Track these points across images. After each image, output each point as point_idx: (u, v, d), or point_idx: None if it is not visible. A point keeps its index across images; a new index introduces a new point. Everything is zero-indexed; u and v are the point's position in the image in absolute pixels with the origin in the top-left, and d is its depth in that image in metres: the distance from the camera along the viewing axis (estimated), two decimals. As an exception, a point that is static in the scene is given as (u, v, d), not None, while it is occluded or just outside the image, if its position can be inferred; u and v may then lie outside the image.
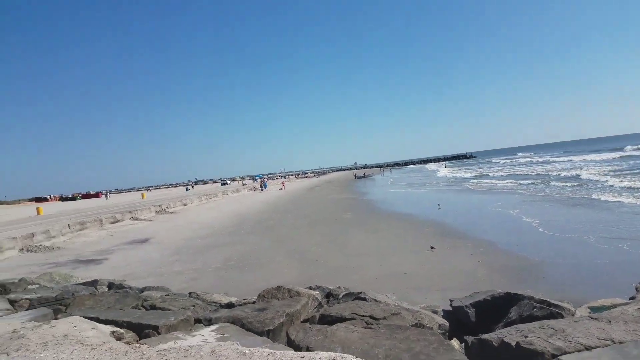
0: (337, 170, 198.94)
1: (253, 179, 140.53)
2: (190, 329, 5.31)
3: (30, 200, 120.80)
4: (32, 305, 8.53)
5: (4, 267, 14.59)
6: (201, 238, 19.11)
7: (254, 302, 6.52)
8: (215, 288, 9.02)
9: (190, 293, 7.91)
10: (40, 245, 18.61)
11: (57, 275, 11.69)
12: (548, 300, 4.90)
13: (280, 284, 6.83)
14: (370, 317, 4.95)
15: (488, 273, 9.25)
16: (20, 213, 47.98)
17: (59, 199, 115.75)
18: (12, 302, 8.64)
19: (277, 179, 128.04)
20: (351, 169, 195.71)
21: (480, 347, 3.82)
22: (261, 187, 67.03)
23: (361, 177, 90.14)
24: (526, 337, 3.54)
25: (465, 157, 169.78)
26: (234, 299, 7.54)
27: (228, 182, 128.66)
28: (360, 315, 5.00)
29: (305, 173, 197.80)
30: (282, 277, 10.06)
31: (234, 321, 5.25)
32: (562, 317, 4.46)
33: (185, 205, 41.55)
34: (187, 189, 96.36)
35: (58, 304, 7.98)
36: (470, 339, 4.18)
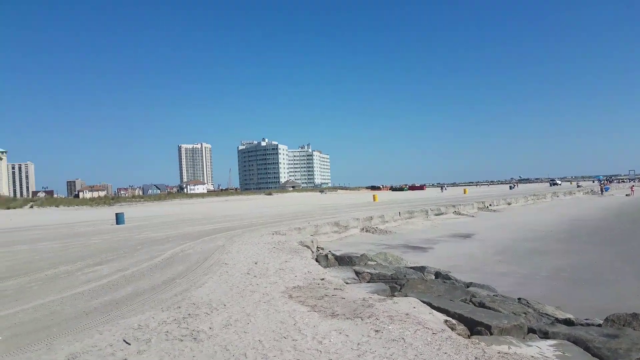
0: None
1: (593, 180, 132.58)
2: (524, 337, 5.17)
3: (366, 188, 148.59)
4: (372, 279, 10.51)
5: (349, 242, 18.71)
6: (527, 240, 18.48)
7: (599, 325, 5.67)
8: (545, 299, 8.40)
9: (519, 299, 7.67)
10: (376, 227, 22.72)
11: (390, 256, 13.84)
12: None
13: (636, 312, 5.64)
14: None
15: None
16: (359, 199, 59.97)
17: (389, 189, 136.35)
18: (357, 273, 10.92)
19: (621, 182, 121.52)
20: None
21: None
22: (601, 190, 62.95)
23: None
24: None
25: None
26: (570, 316, 6.75)
27: (558, 182, 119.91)
28: None
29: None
30: (630, 302, 8.21)
31: (576, 341, 4.79)
32: None
33: (509, 204, 40.87)
34: (510, 187, 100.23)
35: (394, 283, 9.39)
36: None
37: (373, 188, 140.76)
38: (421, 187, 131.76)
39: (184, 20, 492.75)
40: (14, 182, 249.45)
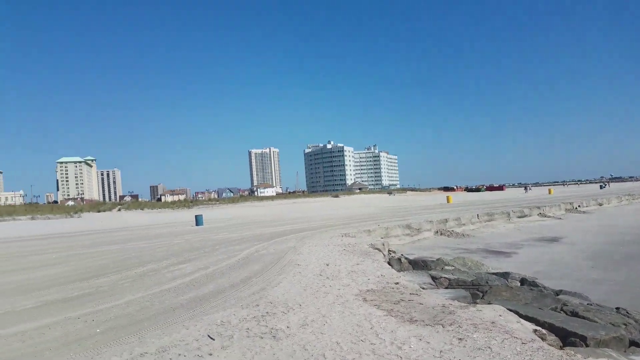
0: None
1: None
2: (625, 351, 4.69)
3: (439, 189, 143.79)
4: (450, 284, 10.17)
5: (423, 246, 18.23)
6: (622, 244, 17.19)
7: None
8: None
9: (617, 308, 6.96)
10: (452, 230, 21.91)
11: (469, 261, 13.31)
12: None
13: None
14: None
15: None
16: (430, 200, 58.25)
17: (464, 190, 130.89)
18: (433, 278, 10.62)
19: None
20: None
21: None
22: None
23: None
24: None
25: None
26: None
27: None
28: None
29: None
30: None
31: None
32: None
33: (600, 204, 37.85)
34: (601, 187, 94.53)
35: (475, 289, 9.00)
36: None
37: (446, 189, 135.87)
38: (500, 188, 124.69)
39: (257, 28, 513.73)
40: (103, 187, 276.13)
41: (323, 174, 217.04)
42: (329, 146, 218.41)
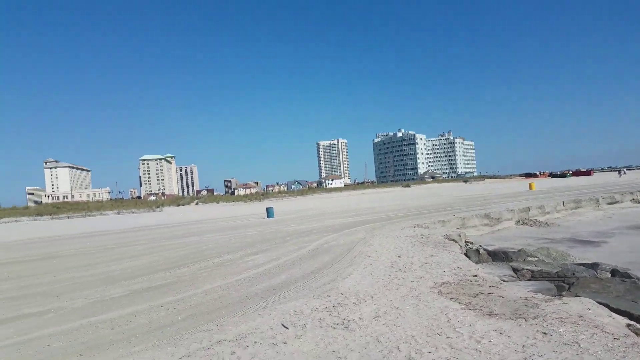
0: None
1: None
2: None
3: (520, 175, 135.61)
4: (533, 276, 9.65)
5: (503, 236, 17.30)
6: None
7: None
8: None
9: None
10: (535, 219, 20.58)
11: (554, 252, 12.47)
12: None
13: None
14: None
15: None
16: (510, 188, 55.02)
17: (548, 175, 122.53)
18: (514, 270, 10.12)
19: None
20: None
21: None
22: None
23: None
24: None
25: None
26: None
27: None
28: None
29: None
30: None
31: None
32: None
33: None
34: None
35: (560, 281, 8.47)
36: None
37: (528, 175, 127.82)
38: (588, 173, 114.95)
39: (325, 19, 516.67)
40: (181, 182, 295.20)
41: (393, 164, 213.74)
42: (399, 134, 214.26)
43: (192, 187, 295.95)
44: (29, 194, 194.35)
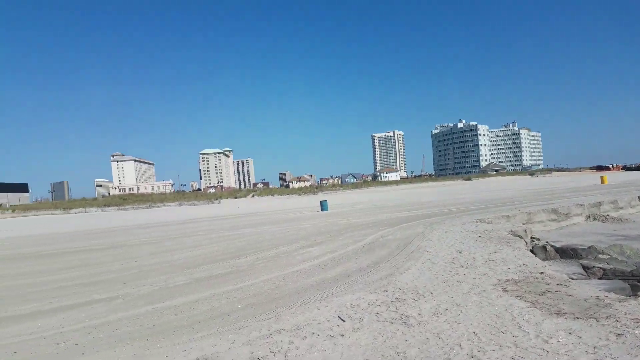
0: None
1: None
2: None
3: (590, 168, 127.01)
4: (605, 275, 9.11)
5: (572, 232, 16.34)
6: None
7: None
8: None
9: None
10: (607, 215, 19.26)
11: (628, 249, 11.84)
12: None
13: None
14: None
15: None
16: (580, 181, 51.59)
17: (622, 168, 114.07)
18: (584, 268, 9.57)
19: None
20: None
21: None
22: None
23: None
24: None
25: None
26: None
27: None
28: None
29: None
30: None
31: None
32: None
33: None
34: None
35: (635, 280, 8.12)
36: None
37: (599, 168, 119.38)
38: None
39: (378, 11, 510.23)
40: (238, 175, 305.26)
41: (453, 156, 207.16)
42: (459, 125, 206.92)
43: (248, 180, 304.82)
44: (97, 186, 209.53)
